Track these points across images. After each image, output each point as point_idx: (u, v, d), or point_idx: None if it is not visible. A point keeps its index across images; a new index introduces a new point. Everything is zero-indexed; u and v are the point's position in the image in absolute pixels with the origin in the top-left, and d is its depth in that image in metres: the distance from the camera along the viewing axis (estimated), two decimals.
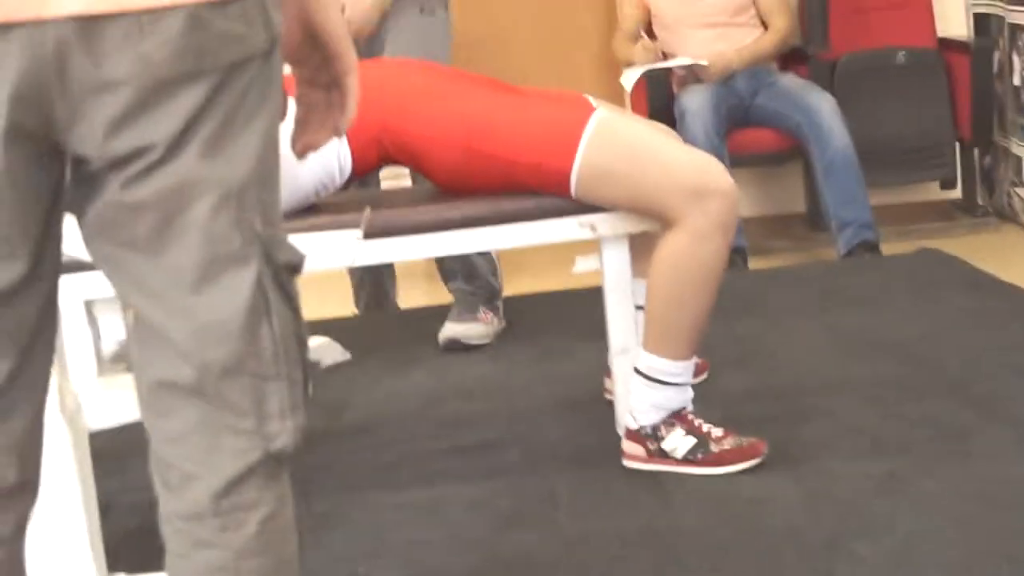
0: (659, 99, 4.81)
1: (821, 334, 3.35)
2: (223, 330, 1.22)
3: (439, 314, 3.65)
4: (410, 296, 4.23)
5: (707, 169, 2.49)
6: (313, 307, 3.81)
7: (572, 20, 5.58)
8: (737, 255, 4.51)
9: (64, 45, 1.13)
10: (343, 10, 3.48)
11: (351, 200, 2.62)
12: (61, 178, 1.24)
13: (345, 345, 3.52)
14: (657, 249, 2.50)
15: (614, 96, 5.09)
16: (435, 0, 3.65)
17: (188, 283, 1.21)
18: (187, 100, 1.17)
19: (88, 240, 1.26)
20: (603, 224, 2.57)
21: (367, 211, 2.40)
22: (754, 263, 4.58)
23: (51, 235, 1.25)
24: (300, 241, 2.28)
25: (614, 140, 2.50)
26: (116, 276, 1.26)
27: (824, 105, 4.57)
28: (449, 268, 3.63)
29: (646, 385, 2.54)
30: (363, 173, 2.66)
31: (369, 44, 3.55)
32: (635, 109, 5.07)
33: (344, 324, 3.87)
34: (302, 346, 1.30)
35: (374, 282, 3.94)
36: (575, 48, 5.58)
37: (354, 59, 1.39)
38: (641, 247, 2.65)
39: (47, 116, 1.16)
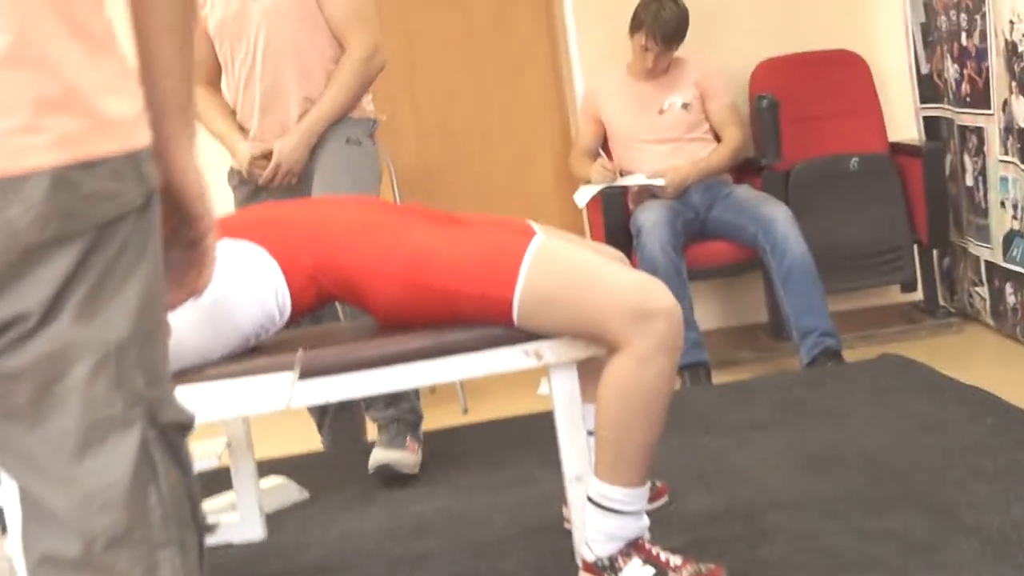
0: (614, 216, 4.82)
1: (784, 448, 3.31)
2: (107, 497, 1.18)
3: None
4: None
5: (648, 290, 2.46)
6: (278, 443, 3.82)
7: (529, 139, 5.61)
8: (700, 369, 4.50)
9: None
10: (275, 153, 3.54)
11: (291, 339, 2.58)
12: None
13: (303, 483, 3.45)
14: (603, 374, 2.47)
15: (572, 213, 5.11)
16: (360, 131, 3.70)
17: (70, 451, 1.18)
18: (58, 264, 1.15)
19: None
20: (549, 351, 2.53)
21: (300, 352, 2.36)
22: (718, 376, 4.56)
23: None
24: (234, 386, 2.28)
25: (553, 266, 2.47)
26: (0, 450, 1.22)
27: (779, 215, 4.57)
28: (371, 398, 3.58)
29: (600, 514, 2.48)
30: (303, 313, 2.62)
31: (299, 179, 3.60)
32: (592, 226, 5.09)
33: (296, 461, 3.82)
34: (195, 508, 1.26)
35: (336, 416, 3.91)
36: (533, 167, 5.61)
37: (213, 221, 1.39)
38: (591, 371, 2.61)
39: None
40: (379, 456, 3.48)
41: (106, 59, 1.21)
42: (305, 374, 2.39)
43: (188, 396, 2.30)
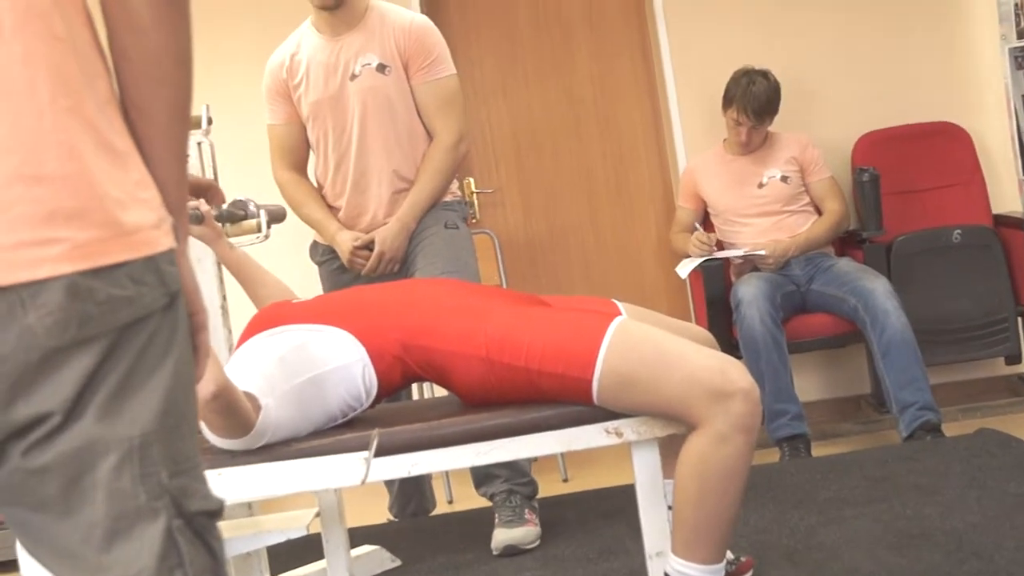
0: (715, 289, 4.87)
1: (872, 525, 3.32)
2: None
3: (484, 516, 3.68)
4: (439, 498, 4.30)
5: (726, 370, 2.50)
6: (356, 514, 3.92)
7: (633, 213, 5.70)
8: (799, 442, 4.51)
9: None
10: (376, 243, 3.67)
11: (376, 416, 2.69)
12: None
13: (394, 551, 3.55)
14: (681, 452, 2.52)
15: (676, 285, 5.17)
16: (456, 215, 3.84)
17: (98, 541, 1.23)
18: (78, 366, 1.20)
19: (2, 507, 1.28)
20: (629, 429, 2.58)
21: (375, 432, 2.46)
22: (819, 449, 4.57)
23: None
24: (314, 464, 2.39)
25: (632, 347, 2.53)
26: (31, 540, 1.28)
27: (879, 288, 4.58)
28: (487, 472, 3.68)
29: None
30: (389, 392, 2.73)
31: (401, 265, 3.72)
32: (694, 299, 5.15)
33: (387, 529, 3.91)
34: None
35: (413, 489, 4.01)
36: (637, 241, 5.69)
37: (207, 317, 1.42)
38: (672, 446, 2.67)
39: None
40: (503, 537, 3.56)
41: (127, 172, 1.27)
42: (386, 450, 2.49)
43: (272, 472, 2.42)
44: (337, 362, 2.62)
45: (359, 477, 2.37)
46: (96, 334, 1.21)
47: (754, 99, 4.85)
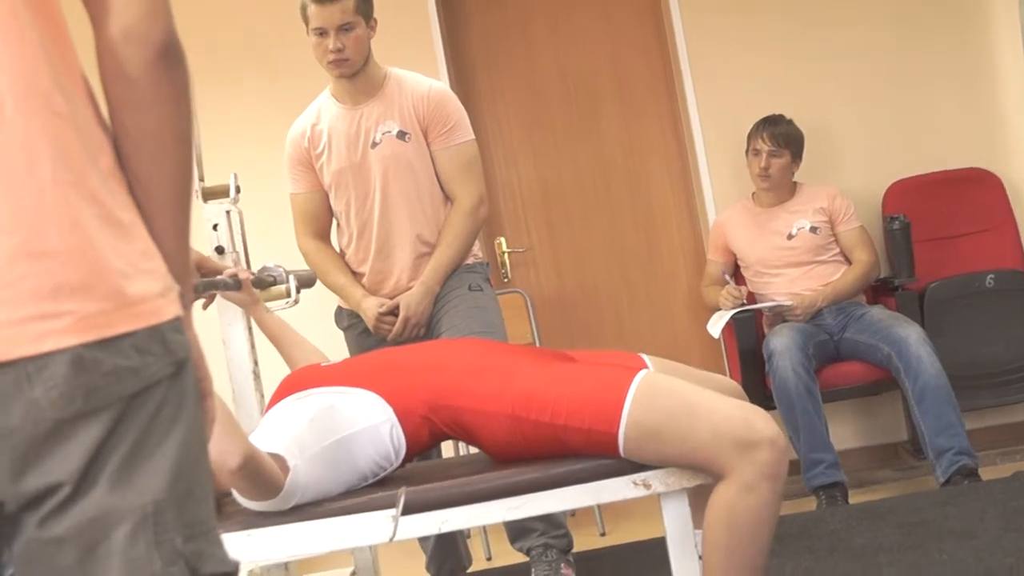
0: (747, 340, 4.88)
1: (910, 570, 3.31)
2: None
3: (522, 572, 3.70)
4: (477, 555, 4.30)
5: (751, 420, 2.51)
6: (394, 573, 3.94)
7: (664, 268, 5.73)
8: (836, 490, 4.50)
9: None
10: (401, 308, 3.72)
11: (405, 474, 2.72)
12: None
13: None
14: (709, 501, 2.53)
15: (709, 339, 5.18)
16: (479, 277, 3.88)
17: None
18: (86, 437, 1.22)
19: (19, 574, 1.30)
20: (657, 481, 2.59)
21: (403, 490, 2.49)
22: (857, 496, 4.56)
23: None
24: (344, 522, 2.41)
25: (656, 400, 2.55)
26: None
27: (912, 335, 4.57)
28: (522, 527, 3.69)
29: None
30: (419, 452, 2.76)
31: (427, 329, 3.76)
32: (727, 351, 5.16)
33: None
34: None
35: (448, 546, 4.02)
36: (667, 295, 5.71)
37: (211, 383, 1.45)
38: (702, 497, 2.68)
39: None
40: None
41: (131, 243, 1.30)
42: (417, 507, 2.52)
43: (301, 532, 2.46)
44: (365, 423, 2.66)
45: (387, 535, 2.40)
46: (103, 405, 1.24)
47: (773, 124, 4.98)
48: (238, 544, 2.44)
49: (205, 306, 3.13)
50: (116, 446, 1.25)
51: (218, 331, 3.28)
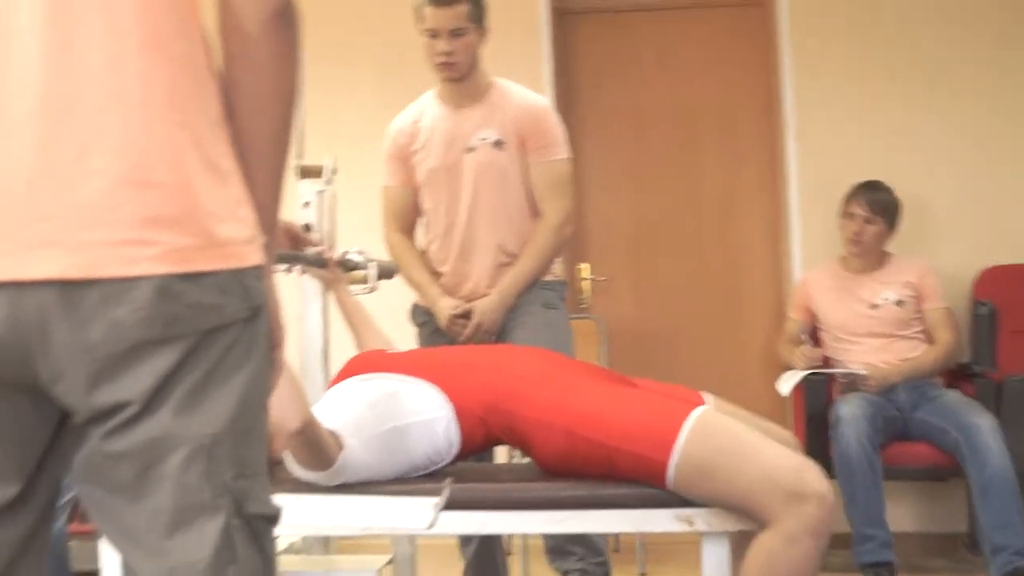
0: (816, 404, 4.83)
1: None
2: (189, 573, 1.31)
3: None
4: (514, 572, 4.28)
5: (803, 472, 2.49)
6: (427, 572, 3.94)
7: (743, 321, 5.71)
8: (884, 570, 4.43)
9: (46, 311, 1.26)
10: (475, 313, 3.74)
11: (454, 471, 2.73)
12: (59, 424, 1.36)
13: None
14: (749, 548, 2.50)
15: (776, 396, 5.14)
16: (555, 296, 3.90)
17: (162, 528, 1.31)
18: (160, 362, 1.29)
19: (78, 483, 1.36)
20: (700, 519, 2.57)
21: (448, 481, 2.50)
22: None
23: (48, 469, 1.38)
24: (385, 503, 2.42)
25: (711, 437, 2.54)
26: (102, 518, 1.36)
27: (984, 424, 4.49)
28: (562, 548, 3.68)
29: None
30: (471, 452, 2.78)
31: (496, 337, 3.78)
32: (795, 411, 5.11)
33: None
34: None
35: (487, 557, 4.02)
36: (743, 346, 5.68)
37: (284, 336, 1.50)
38: (743, 546, 2.66)
39: (30, 371, 1.29)
40: None
41: (227, 189, 1.37)
42: (460, 505, 2.53)
43: (342, 505, 2.49)
44: (424, 415, 2.68)
45: (426, 522, 2.41)
46: (179, 335, 1.30)
47: (871, 191, 4.93)
48: (285, 507, 2.44)
49: (288, 272, 3.18)
50: (185, 376, 1.31)
51: (296, 307, 3.33)
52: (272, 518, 1.40)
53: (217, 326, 1.33)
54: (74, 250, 1.27)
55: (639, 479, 2.58)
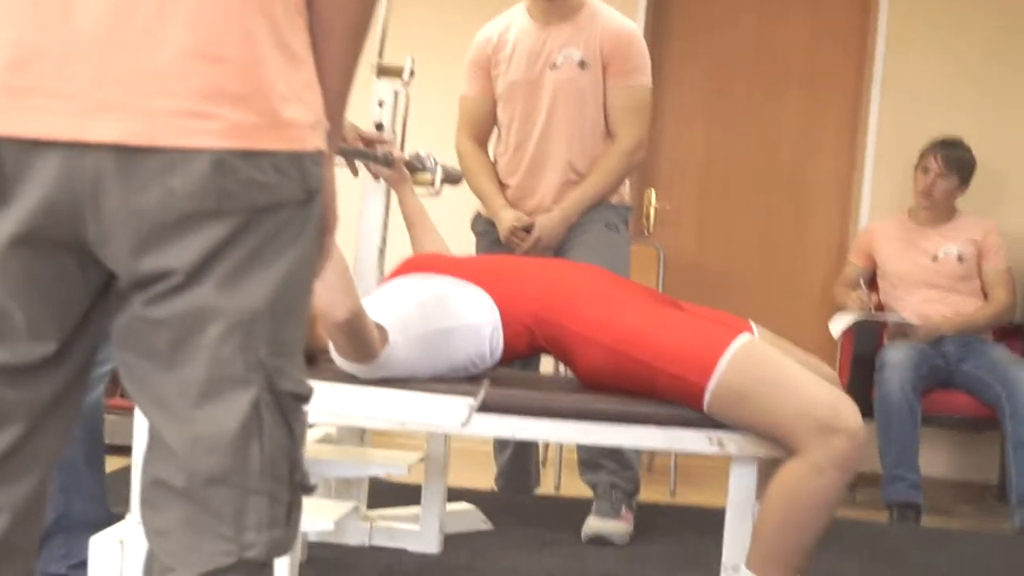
0: (864, 348, 4.89)
1: None
2: (214, 442, 1.34)
3: (585, 506, 3.78)
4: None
5: (838, 406, 2.54)
6: (464, 478, 4.05)
7: (805, 262, 5.73)
8: (910, 510, 4.50)
9: (102, 173, 1.28)
10: (536, 227, 3.79)
11: (497, 376, 2.81)
12: (104, 284, 1.38)
13: (489, 516, 3.68)
14: (776, 474, 2.57)
15: (826, 340, 5.17)
16: (618, 218, 3.93)
17: (193, 397, 1.34)
18: (208, 235, 1.31)
19: (115, 347, 1.40)
20: (732, 443, 2.64)
21: (486, 383, 2.58)
22: (929, 522, 4.55)
23: (87, 330, 1.40)
24: (421, 399, 2.51)
25: (752, 364, 2.60)
26: (133, 383, 1.40)
27: None
28: (595, 461, 3.76)
29: None
30: (514, 358, 2.85)
31: (555, 254, 3.83)
32: (842, 353, 5.15)
33: (489, 496, 4.05)
34: (294, 468, 1.40)
35: (520, 465, 4.13)
36: (801, 289, 5.71)
37: (335, 221, 1.52)
38: (768, 474, 2.72)
39: (79, 231, 1.31)
40: (594, 526, 3.66)
41: (297, 72, 1.38)
42: (497, 408, 2.61)
43: (378, 397, 2.57)
44: (470, 320, 2.75)
45: (460, 420, 2.48)
46: (231, 210, 1.31)
47: (948, 146, 4.93)
48: (321, 394, 2.52)
49: (355, 174, 3.25)
50: (233, 251, 1.32)
51: (357, 202, 3.41)
52: (303, 397, 1.42)
53: (270, 205, 1.33)
54: (136, 116, 1.27)
55: (677, 400, 2.65)
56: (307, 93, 1.40)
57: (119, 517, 2.67)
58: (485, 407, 2.58)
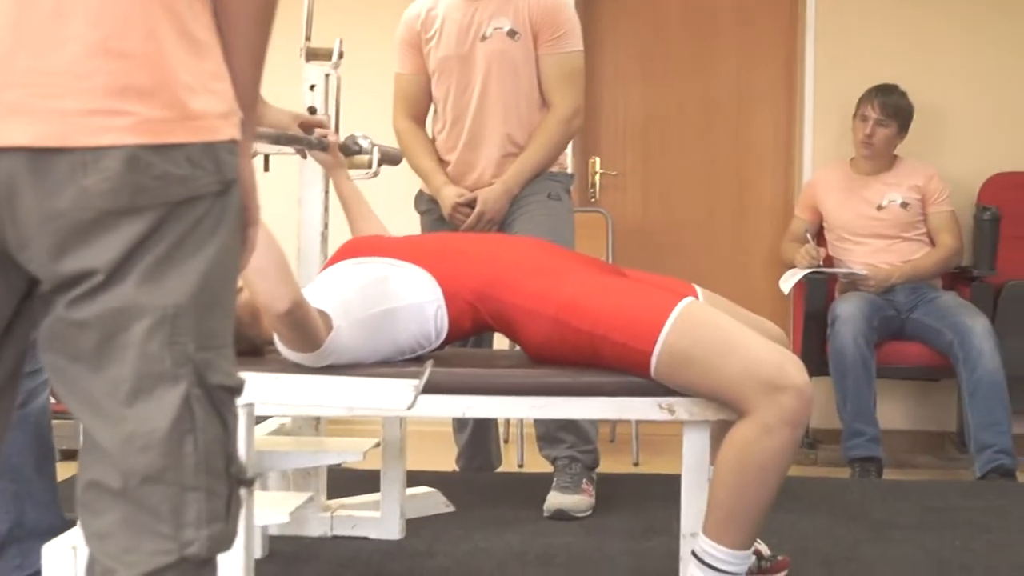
0: (815, 302, 4.89)
1: (917, 551, 3.33)
2: (147, 441, 1.33)
3: (546, 481, 3.77)
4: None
5: (783, 364, 2.53)
6: (424, 461, 4.04)
7: (750, 220, 5.74)
8: (871, 465, 4.52)
9: (15, 177, 1.27)
10: (478, 202, 3.77)
11: (443, 355, 2.79)
12: (28, 289, 1.38)
13: (449, 497, 3.66)
14: (727, 437, 2.57)
15: (778, 297, 5.18)
16: (560, 187, 3.92)
17: (122, 396, 1.33)
18: (127, 232, 1.30)
19: (41, 351, 1.38)
20: (682, 408, 2.63)
21: (428, 364, 2.57)
22: (890, 475, 4.57)
23: (13, 337, 1.40)
24: (366, 384, 2.49)
25: (695, 328, 2.59)
26: (63, 386, 1.39)
27: (978, 327, 4.56)
28: (552, 435, 3.76)
29: (701, 571, 2.57)
30: (459, 337, 2.84)
31: (499, 227, 3.82)
32: (794, 309, 5.16)
33: (450, 478, 4.04)
34: (230, 462, 1.40)
35: (480, 444, 4.12)
36: (749, 246, 5.73)
37: (258, 213, 1.51)
38: (720, 435, 2.72)
39: None
40: (555, 501, 3.65)
41: (203, 63, 1.37)
42: (444, 388, 2.60)
43: (323, 384, 2.55)
44: (413, 299, 2.73)
45: (406, 403, 2.47)
46: (148, 206, 1.31)
47: (884, 92, 4.94)
48: (266, 386, 2.54)
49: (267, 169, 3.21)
50: (152, 247, 1.32)
51: (296, 190, 3.38)
52: (234, 389, 1.41)
53: (186, 198, 1.33)
54: (45, 118, 1.27)
55: (624, 368, 2.64)
56: (215, 83, 1.38)
57: (74, 523, 2.64)
58: (432, 387, 2.56)
